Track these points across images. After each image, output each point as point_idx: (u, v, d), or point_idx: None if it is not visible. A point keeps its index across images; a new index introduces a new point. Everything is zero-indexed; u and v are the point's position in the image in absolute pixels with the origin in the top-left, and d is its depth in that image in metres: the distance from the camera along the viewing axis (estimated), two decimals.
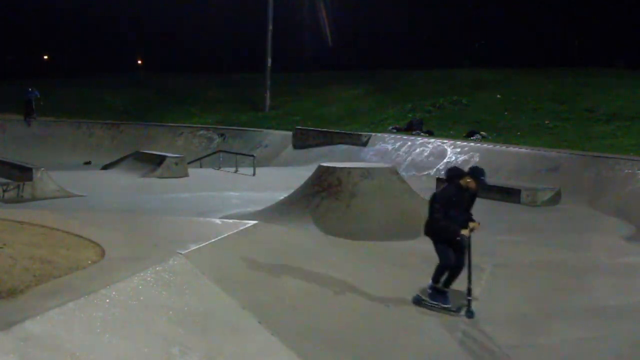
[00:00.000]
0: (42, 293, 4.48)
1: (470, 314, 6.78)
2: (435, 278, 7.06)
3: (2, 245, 5.60)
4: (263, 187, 16.51)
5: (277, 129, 27.75)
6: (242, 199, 14.77)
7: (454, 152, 19.29)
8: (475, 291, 7.79)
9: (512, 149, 18.51)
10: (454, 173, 7.20)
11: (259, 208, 12.71)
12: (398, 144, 21.47)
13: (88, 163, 20.31)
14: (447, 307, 6.92)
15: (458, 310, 6.89)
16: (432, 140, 20.97)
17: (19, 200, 13.82)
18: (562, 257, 9.80)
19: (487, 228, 12.00)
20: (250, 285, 6.02)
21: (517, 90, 28.54)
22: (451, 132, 23.59)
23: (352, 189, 11.46)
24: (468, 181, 6.97)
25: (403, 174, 15.36)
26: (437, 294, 7.02)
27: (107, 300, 4.50)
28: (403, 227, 11.17)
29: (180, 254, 5.75)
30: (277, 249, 7.43)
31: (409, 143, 21.14)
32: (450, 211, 6.87)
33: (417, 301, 7.06)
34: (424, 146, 20.53)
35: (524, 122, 23.80)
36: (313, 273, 7.04)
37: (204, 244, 6.34)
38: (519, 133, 22.39)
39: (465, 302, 6.87)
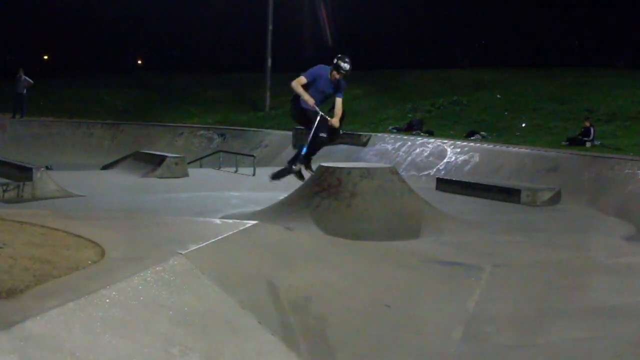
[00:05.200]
0: (42, 293, 4.48)
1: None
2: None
3: (2, 245, 5.59)
4: (263, 187, 16.47)
5: (277, 129, 27.76)
6: (242, 199, 14.77)
7: (454, 152, 19.30)
8: (475, 291, 7.81)
9: (512, 149, 18.52)
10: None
11: (259, 208, 12.71)
12: (398, 144, 21.48)
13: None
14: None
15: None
16: (432, 140, 20.98)
17: (19, 200, 13.82)
18: (562, 257, 9.80)
19: (487, 228, 12.05)
20: (250, 285, 6.01)
21: (517, 90, 28.55)
22: (451, 132, 23.60)
23: (352, 189, 11.46)
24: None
25: (403, 174, 15.37)
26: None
27: (107, 300, 4.50)
28: (403, 227, 11.18)
29: (180, 254, 5.74)
30: (277, 249, 7.43)
31: (409, 143, 21.15)
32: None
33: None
34: (424, 146, 20.54)
35: (524, 122, 23.80)
36: (313, 273, 7.04)
37: (204, 244, 6.33)
38: (518, 133, 22.40)
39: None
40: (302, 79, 8.67)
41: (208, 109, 35.62)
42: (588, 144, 18.79)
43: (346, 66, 8.60)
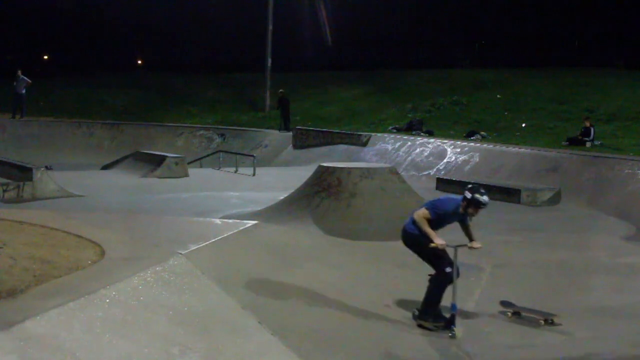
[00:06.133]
0: (42, 293, 4.48)
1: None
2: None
3: (2, 245, 5.60)
4: (263, 187, 16.52)
5: (277, 129, 27.76)
6: (242, 199, 14.77)
7: (454, 152, 19.30)
8: (475, 291, 7.81)
9: (512, 149, 18.52)
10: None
11: (259, 208, 12.71)
12: (398, 144, 21.48)
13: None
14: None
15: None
16: (432, 140, 20.98)
17: (19, 200, 13.82)
18: (562, 257, 9.80)
19: (487, 228, 12.05)
20: (250, 285, 6.02)
21: (517, 90, 28.54)
22: (451, 132, 23.59)
23: (352, 189, 11.46)
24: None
25: (403, 174, 15.37)
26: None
27: (107, 300, 4.50)
28: None
29: (180, 254, 5.75)
30: (277, 249, 7.43)
31: (409, 143, 21.15)
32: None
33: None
34: (423, 146, 20.54)
35: (524, 122, 23.82)
36: (313, 273, 7.05)
37: (204, 244, 6.34)
38: (518, 133, 22.41)
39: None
40: (428, 214, 6.80)
41: (208, 109, 35.62)
42: (588, 144, 18.81)
43: (486, 199, 6.75)
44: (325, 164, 12.43)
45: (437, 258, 6.71)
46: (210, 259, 6.06)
